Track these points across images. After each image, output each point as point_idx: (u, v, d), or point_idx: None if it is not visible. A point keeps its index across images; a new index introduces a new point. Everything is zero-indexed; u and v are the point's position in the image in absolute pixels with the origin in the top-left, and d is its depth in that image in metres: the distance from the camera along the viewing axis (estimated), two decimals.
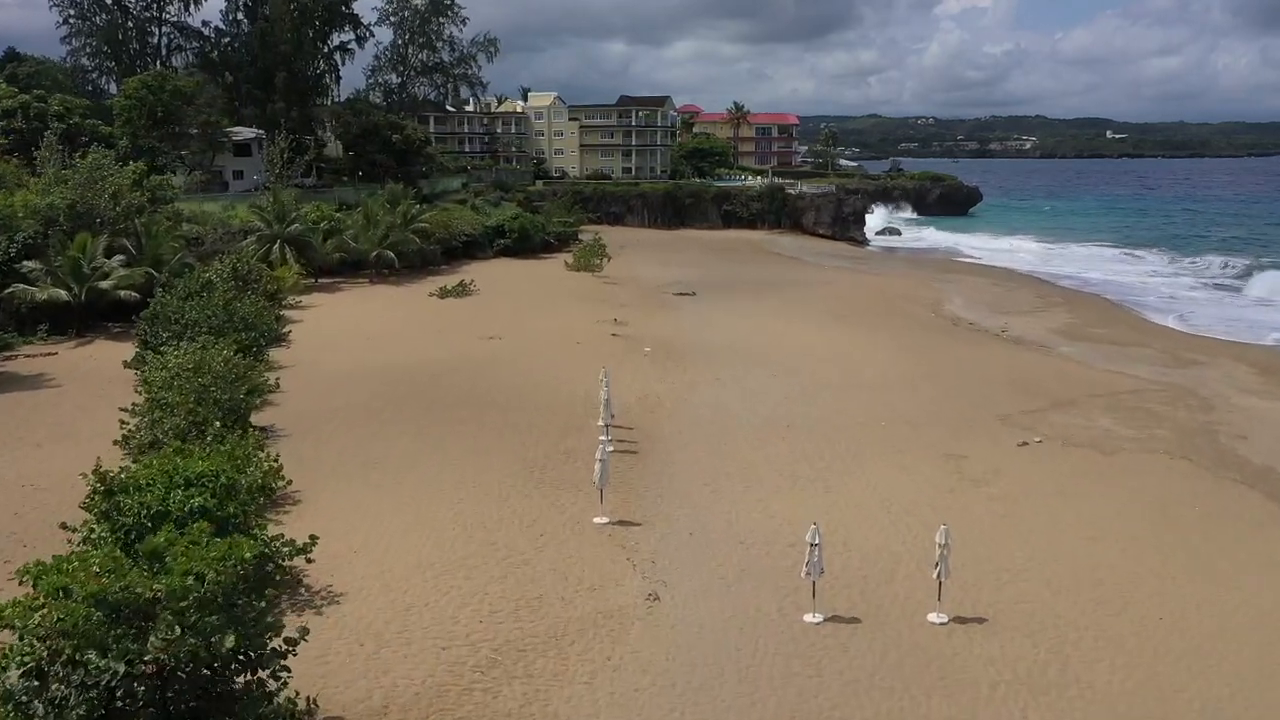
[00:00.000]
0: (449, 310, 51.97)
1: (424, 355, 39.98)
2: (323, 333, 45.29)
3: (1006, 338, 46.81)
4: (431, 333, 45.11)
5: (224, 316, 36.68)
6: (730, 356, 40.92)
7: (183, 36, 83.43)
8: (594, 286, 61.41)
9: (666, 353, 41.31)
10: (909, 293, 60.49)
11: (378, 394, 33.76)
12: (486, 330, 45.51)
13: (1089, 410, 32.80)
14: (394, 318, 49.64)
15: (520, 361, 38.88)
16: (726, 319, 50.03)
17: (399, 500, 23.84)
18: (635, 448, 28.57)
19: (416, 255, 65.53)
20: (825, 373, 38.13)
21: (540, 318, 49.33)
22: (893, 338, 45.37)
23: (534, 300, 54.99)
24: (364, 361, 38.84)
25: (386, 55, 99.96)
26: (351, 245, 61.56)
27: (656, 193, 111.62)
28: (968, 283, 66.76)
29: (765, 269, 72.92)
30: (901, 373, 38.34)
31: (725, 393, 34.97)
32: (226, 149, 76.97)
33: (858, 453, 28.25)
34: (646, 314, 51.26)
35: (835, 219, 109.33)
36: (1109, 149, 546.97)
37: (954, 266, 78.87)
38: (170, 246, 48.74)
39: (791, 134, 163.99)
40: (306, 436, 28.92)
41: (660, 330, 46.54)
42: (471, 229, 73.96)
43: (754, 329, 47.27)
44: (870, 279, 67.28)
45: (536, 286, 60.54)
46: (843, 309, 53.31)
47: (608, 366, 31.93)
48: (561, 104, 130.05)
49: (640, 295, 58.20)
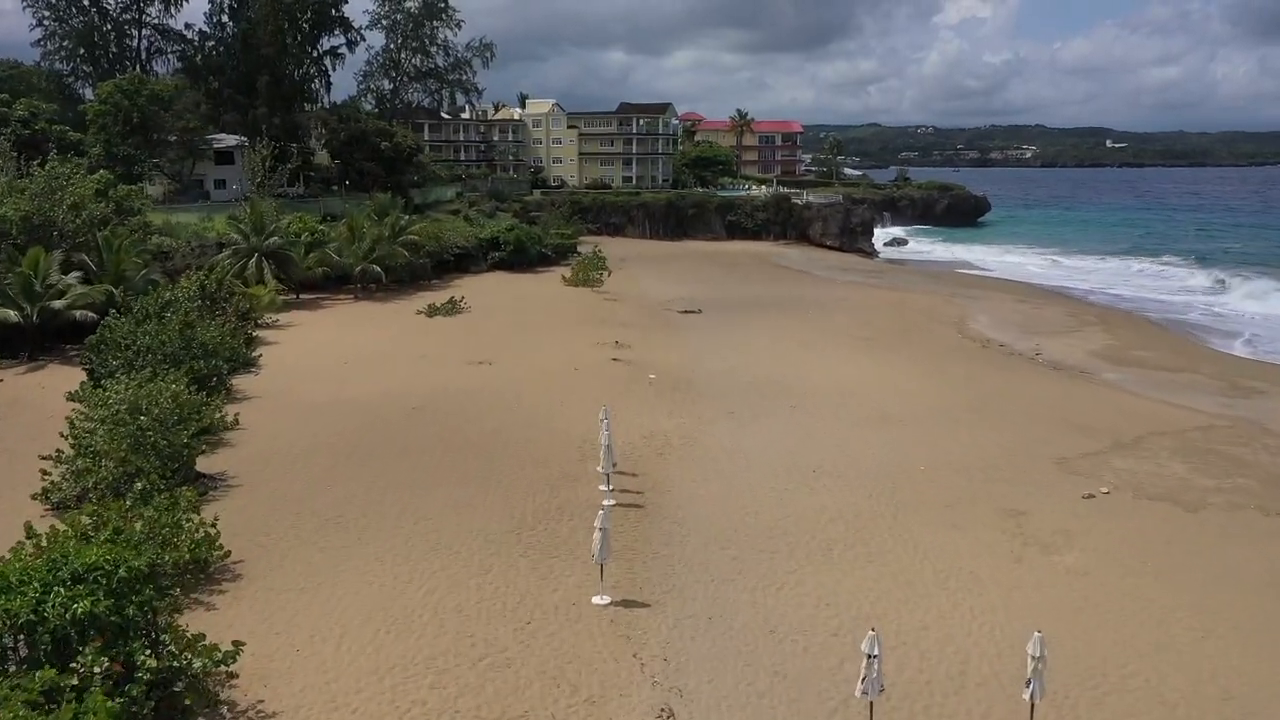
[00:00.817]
0: (437, 330, 48.08)
1: (405, 384, 36.07)
2: (298, 357, 41.43)
3: (1043, 362, 42.92)
4: (415, 357, 41.21)
5: (180, 343, 32.85)
6: (744, 385, 37.02)
7: (164, 39, 79.79)
8: (593, 303, 57.56)
9: (673, 382, 37.41)
10: (931, 310, 56.61)
11: (349, 433, 29.84)
12: (476, 354, 41.63)
13: (1155, 452, 28.86)
14: (377, 339, 45.75)
15: (511, 392, 34.95)
16: (737, 341, 46.15)
17: (360, 573, 19.90)
18: (641, 499, 24.67)
19: (405, 269, 61.71)
20: (851, 405, 34.21)
21: (535, 339, 45.46)
22: (920, 363, 41.48)
23: (528, 319, 51.11)
24: (338, 392, 34.92)
25: (378, 60, 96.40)
26: (335, 259, 57.72)
27: (658, 203, 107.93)
28: (991, 299, 62.89)
29: (774, 284, 69.07)
30: (935, 404, 34.43)
31: (741, 431, 31.04)
32: (207, 157, 73.25)
33: (900, 508, 24.33)
34: (650, 335, 47.38)
35: (843, 230, 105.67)
36: (1109, 158, 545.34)
37: (973, 281, 74.99)
38: (134, 262, 44.87)
39: (795, 142, 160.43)
40: (261, 487, 25.00)
41: (666, 354, 42.66)
42: (464, 241, 70.16)
43: (768, 353, 43.38)
44: (887, 295, 63.39)
45: (532, 303, 56.68)
46: (863, 329, 49.40)
47: (608, 404, 28.07)
48: (560, 111, 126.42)
49: (643, 313, 54.34)
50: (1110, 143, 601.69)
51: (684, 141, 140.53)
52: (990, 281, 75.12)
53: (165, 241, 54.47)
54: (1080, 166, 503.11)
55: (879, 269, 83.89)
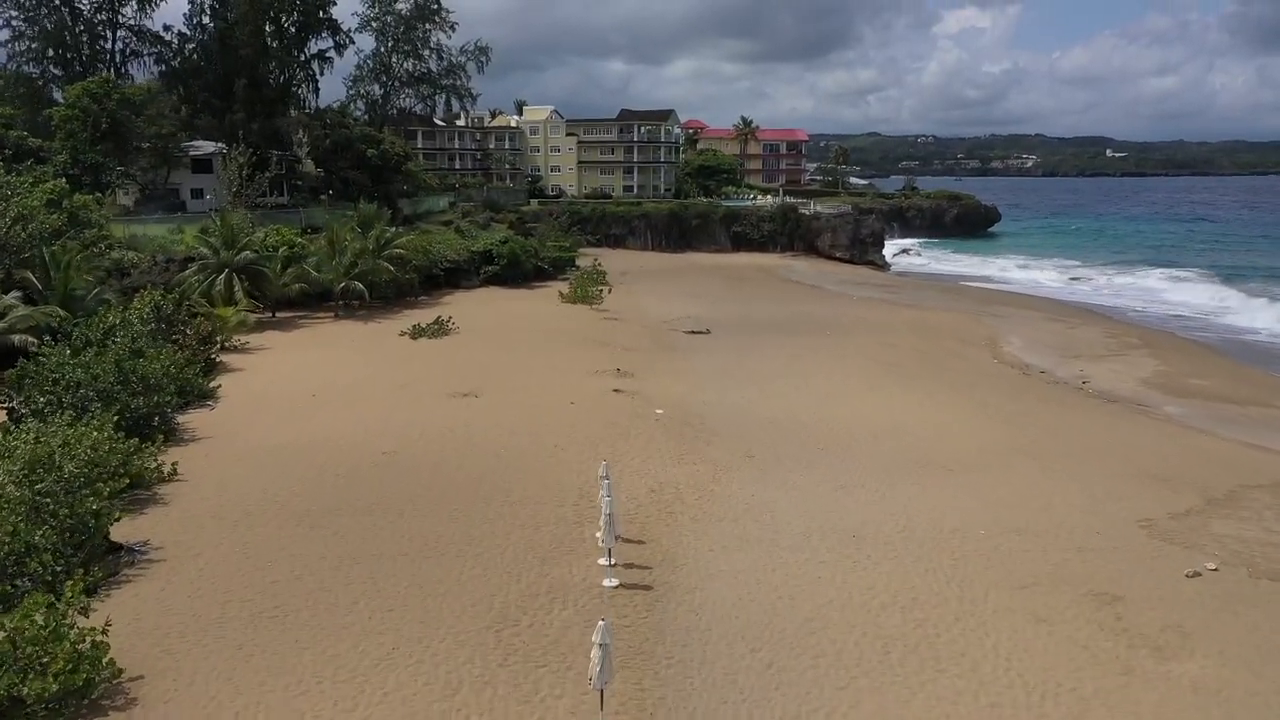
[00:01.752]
0: (420, 355, 43.74)
1: (379, 421, 31.69)
2: (264, 386, 37.08)
3: (1092, 392, 38.59)
4: (394, 388, 36.84)
5: (116, 376, 28.52)
6: (762, 423, 32.65)
7: (140, 41, 75.51)
8: (592, 323, 53.24)
9: (683, 418, 33.05)
10: (958, 330, 52.32)
11: (307, 485, 25.46)
12: (461, 383, 37.28)
13: (1258, 512, 24.49)
14: (354, 365, 41.40)
15: (497, 432, 30.58)
16: (751, 368, 41.80)
17: (290, 698, 15.50)
18: (649, 577, 20.30)
19: (390, 286, 57.43)
20: (887, 447, 29.85)
21: (527, 365, 41.12)
22: (958, 393, 37.14)
23: (521, 342, 46.77)
24: (301, 431, 30.54)
25: (368, 64, 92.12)
26: (313, 276, 53.41)
27: (660, 213, 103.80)
28: (1020, 317, 58.60)
29: (786, 300, 64.75)
30: (984, 446, 30.08)
31: (763, 481, 26.67)
32: (183, 165, 69.00)
33: (965, 587, 19.95)
34: (654, 361, 43.03)
35: (853, 241, 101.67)
36: (1111, 167, 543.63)
37: (996, 296, 70.70)
38: (84, 280, 40.57)
39: (800, 150, 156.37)
40: (188, 561, 20.61)
41: (673, 384, 38.30)
42: (455, 255, 65.92)
43: (786, 381, 39.03)
44: (908, 313, 59.06)
45: (526, 323, 52.34)
46: (888, 353, 45.06)
47: (608, 456, 23.83)
48: (559, 118, 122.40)
49: (646, 335, 50.01)
50: (1110, 152, 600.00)
51: (686, 150, 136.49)
52: (1014, 297, 70.83)
53: (128, 256, 50.19)
54: (1082, 176, 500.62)
55: (893, 283, 79.60)
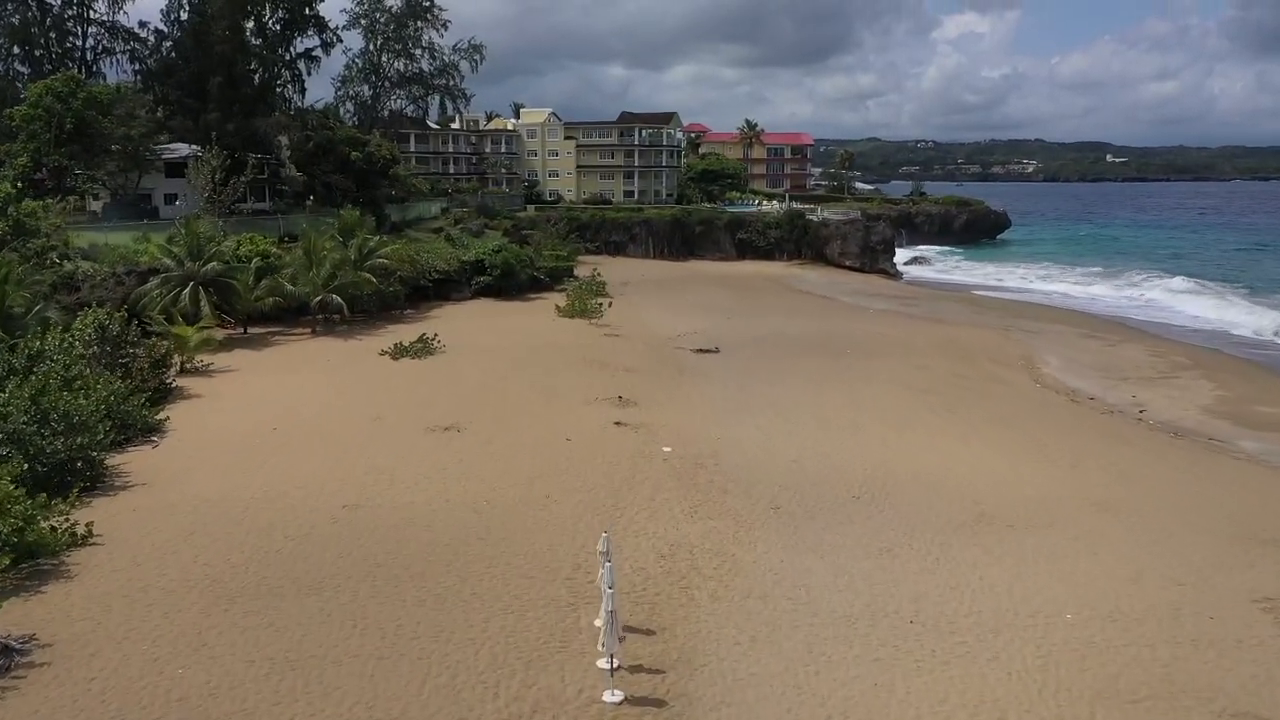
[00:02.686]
0: (401, 378, 39.49)
1: (343, 464, 27.44)
2: (221, 417, 32.84)
3: (1153, 424, 34.33)
4: (366, 420, 32.58)
5: (31, 414, 24.30)
6: (786, 465, 28.40)
7: (112, 38, 71.34)
8: (591, 340, 49.01)
9: (694, 457, 28.79)
10: (990, 349, 48.10)
11: (245, 552, 21.18)
12: (443, 414, 33.04)
13: None
14: (325, 391, 37.17)
15: (480, 478, 26.31)
16: (767, 394, 37.54)
17: None
18: (662, 687, 16.06)
19: (373, 299, 53.23)
20: (932, 496, 25.58)
21: (518, 392, 36.87)
22: (1005, 427, 32.87)
23: (513, 362, 42.52)
24: (251, 478, 26.26)
25: (357, 64, 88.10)
26: (288, 289, 49.15)
27: (663, 219, 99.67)
28: (1052, 333, 54.37)
29: (798, 314, 60.50)
30: (1046, 495, 25.82)
31: (793, 543, 22.42)
32: (155, 168, 64.74)
33: (1062, 700, 15.71)
34: (660, 385, 38.77)
35: (863, 249, 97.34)
36: (1112, 172, 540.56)
37: (1021, 309, 66.43)
38: (21, 296, 36.27)
39: (806, 155, 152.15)
40: (79, 665, 16.36)
41: (681, 414, 34.03)
42: (445, 264, 61.73)
43: (809, 412, 34.76)
44: (932, 329, 54.79)
45: (518, 340, 48.08)
46: (918, 377, 40.79)
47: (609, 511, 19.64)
48: (556, 120, 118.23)
49: (650, 354, 45.76)
50: (1111, 157, 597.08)
51: (688, 154, 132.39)
52: (1040, 309, 66.57)
53: (82, 268, 45.98)
54: (1083, 181, 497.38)
55: (908, 294, 75.38)
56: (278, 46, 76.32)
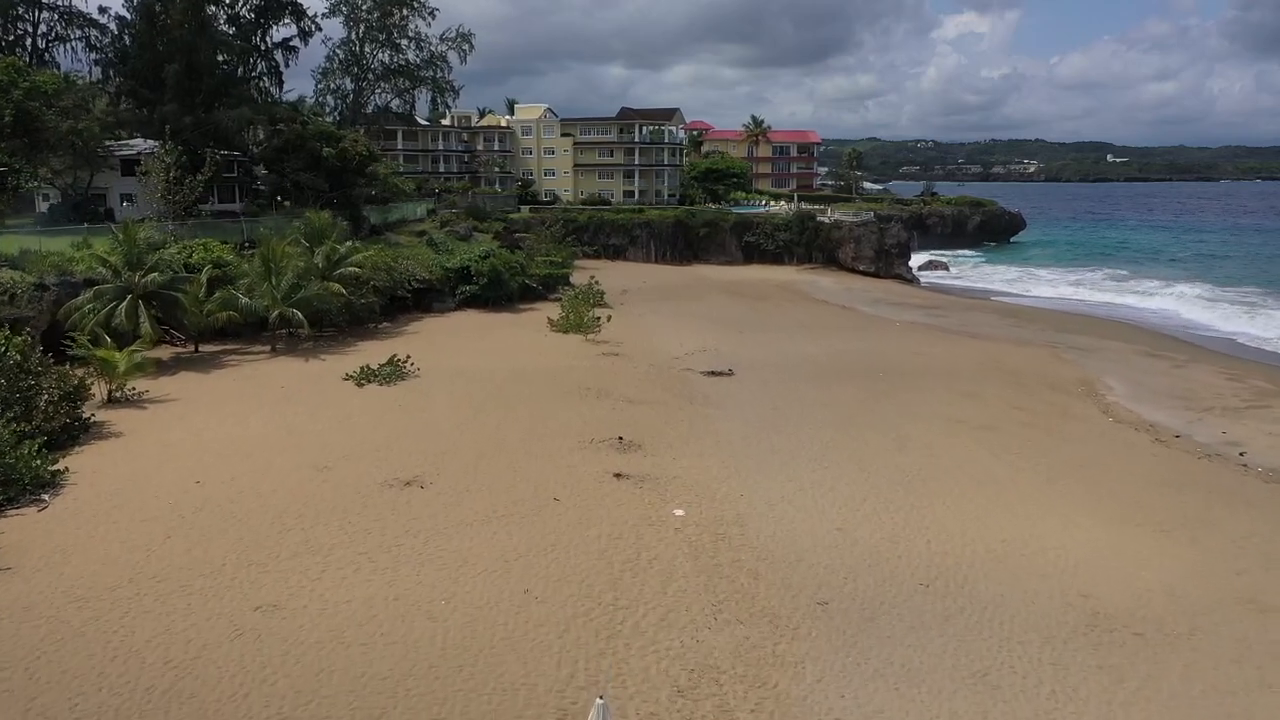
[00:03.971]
0: (363, 411, 33.64)
1: (265, 545, 21.62)
2: (133, 466, 27.04)
3: (1261, 473, 28.49)
4: (311, 469, 26.74)
5: None
6: (827, 536, 22.57)
7: (66, 24, 65.41)
8: (587, 360, 43.17)
9: (714, 524, 22.97)
10: (1042, 372, 42.24)
11: (85, 712, 15.38)
12: (406, 462, 27.24)
13: None
14: (270, 429, 31.34)
15: (436, 565, 20.48)
16: (794, 434, 31.67)
17: None
18: None
19: (343, 312, 47.40)
20: (1027, 590, 19.78)
21: (500, 430, 31.04)
22: (1093, 481, 26.94)
23: (495, 391, 36.68)
24: (139, 567, 20.41)
25: (338, 55, 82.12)
26: (242, 302, 43.27)
27: (665, 221, 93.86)
28: (1106, 351, 48.49)
29: (820, 327, 54.63)
30: (1173, 585, 20.01)
31: (854, 662, 16.64)
32: (109, 166, 58.88)
33: None
34: (668, 421, 32.89)
35: (878, 252, 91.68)
36: (1113, 173, 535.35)
37: (1062, 320, 60.50)
38: None
39: (813, 153, 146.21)
40: None
41: (694, 461, 28.19)
42: (427, 273, 55.84)
43: (846, 456, 28.90)
44: (970, 346, 48.90)
45: (504, 361, 42.24)
46: (972, 409, 34.88)
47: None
48: (553, 116, 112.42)
49: (654, 378, 39.89)
50: (1111, 157, 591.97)
51: (690, 152, 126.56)
52: (1083, 321, 60.64)
53: (6, 279, 40.08)
54: (1085, 181, 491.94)
55: (933, 302, 69.48)
56: (251, 34, 70.51)
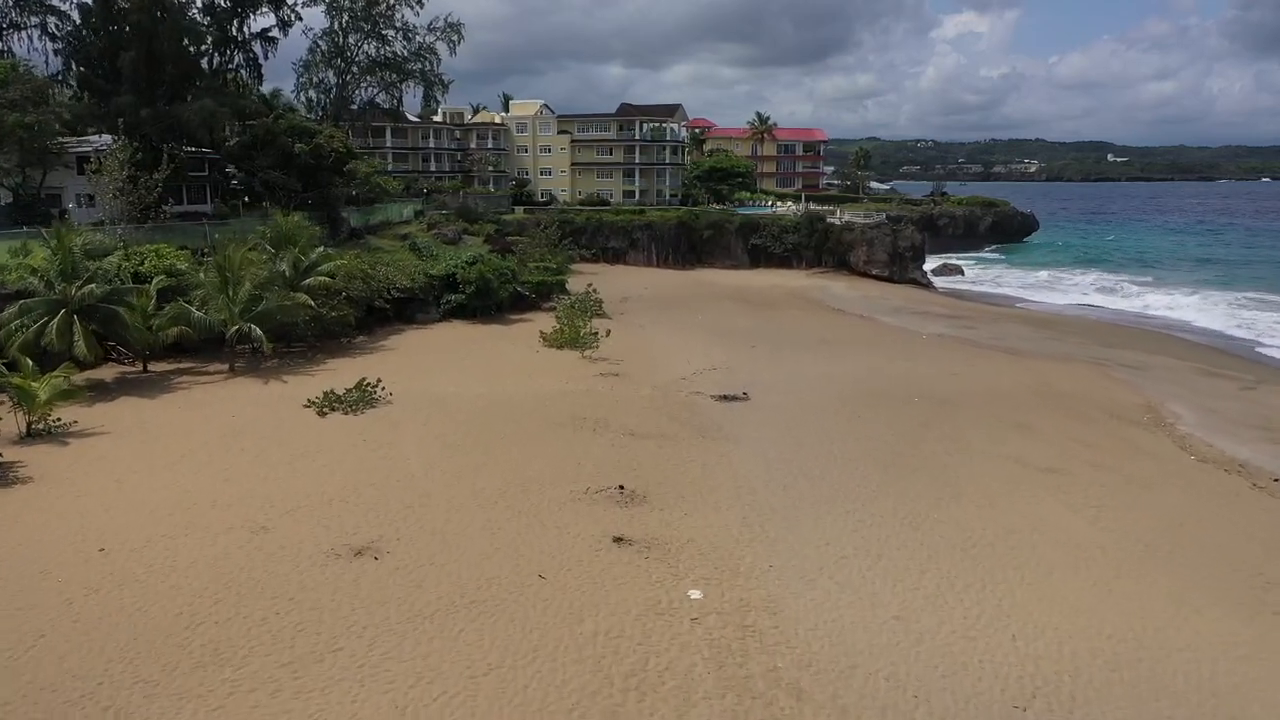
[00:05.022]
0: (318, 449, 28.77)
1: (166, 649, 16.79)
2: (29, 522, 22.30)
3: None
4: (246, 530, 21.90)
5: None
6: (885, 626, 17.76)
7: (21, 11, 60.39)
8: (582, 383, 38.30)
9: (740, 615, 18.12)
10: (1096, 395, 37.36)
11: None
12: (359, 519, 22.42)
13: None
14: (205, 473, 26.50)
15: (384, 682, 15.64)
16: (823, 475, 26.82)
17: None
18: None
19: (311, 326, 42.55)
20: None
21: (476, 478, 26.18)
22: (1198, 546, 22.12)
23: (476, 423, 31.79)
24: None
25: (320, 46, 77.09)
26: (195, 316, 38.38)
27: (667, 223, 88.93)
28: (1160, 368, 43.64)
29: (840, 343, 49.69)
30: None
31: None
32: (63, 164, 53.92)
33: None
34: (677, 461, 28.01)
35: (892, 256, 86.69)
36: (1113, 172, 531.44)
37: (1103, 332, 55.52)
38: None
39: (819, 152, 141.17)
40: None
41: (710, 517, 23.32)
42: (409, 281, 50.93)
43: (892, 511, 24.03)
44: (1010, 365, 43.94)
45: (488, 384, 37.37)
46: (1030, 447, 29.96)
47: None
48: (549, 113, 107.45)
49: (659, 404, 35.01)
50: (1112, 156, 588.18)
51: (692, 151, 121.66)
52: (1126, 333, 55.56)
53: None
54: (1086, 180, 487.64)
55: (958, 311, 64.59)
56: (226, 24, 65.56)
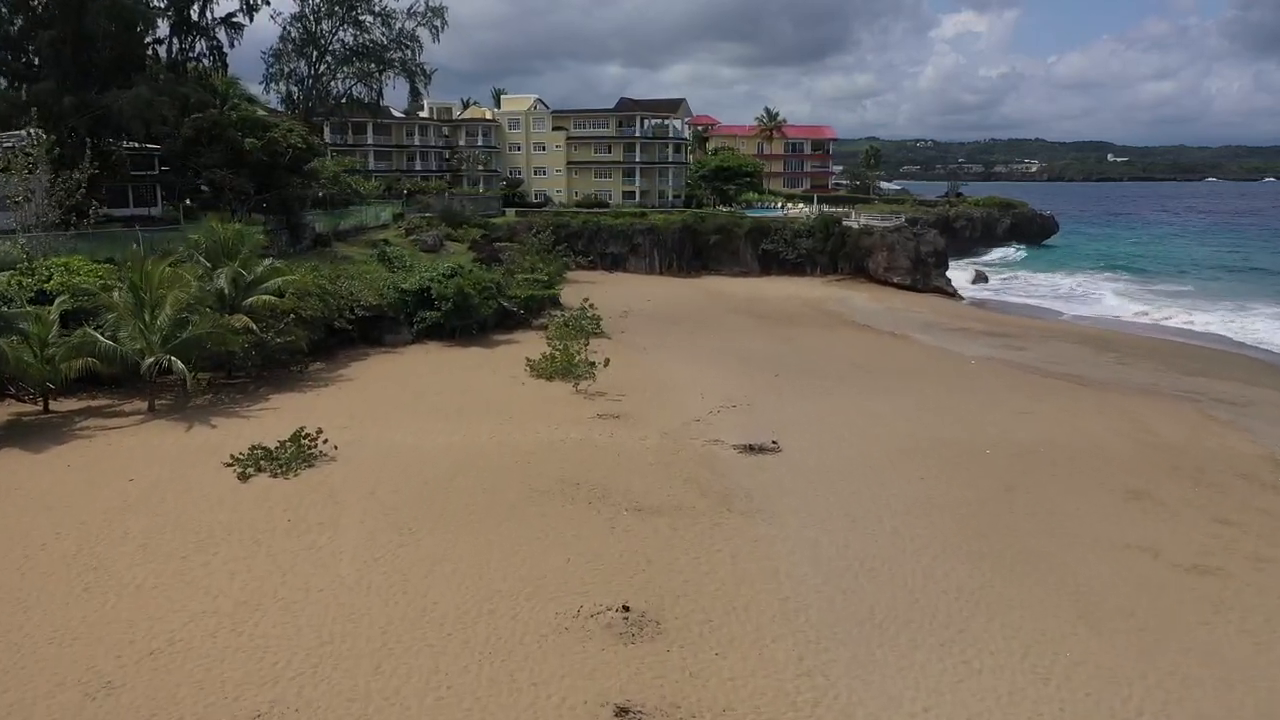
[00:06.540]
0: (224, 538, 21.88)
1: None
2: None
3: None
4: (77, 695, 15.04)
5: None
6: None
7: None
8: (576, 429, 31.39)
9: None
10: (1205, 443, 30.52)
11: None
12: (258, 661, 15.56)
13: None
14: (61, 575, 19.67)
15: None
16: (895, 572, 19.98)
17: None
18: None
19: (251, 355, 35.68)
20: None
21: (426, 584, 19.34)
22: None
23: (437, 490, 24.93)
24: None
25: (291, 34, 70.35)
26: (103, 345, 31.47)
27: (670, 226, 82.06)
28: (1266, 404, 36.87)
29: (876, 370, 42.79)
30: None
31: None
32: None
33: None
34: (697, 555, 21.14)
35: (915, 262, 79.83)
36: (1114, 172, 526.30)
37: (1169, 352, 48.64)
38: None
39: (828, 150, 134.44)
40: None
41: (755, 659, 16.48)
42: (377, 297, 44.07)
43: (990, 623, 17.22)
44: (1087, 400, 36.96)
45: (460, 431, 30.45)
46: (1155, 527, 23.15)
47: None
48: (543, 108, 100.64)
49: (668, 459, 28.11)
50: (1112, 156, 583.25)
51: (696, 150, 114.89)
52: (1204, 356, 48.32)
53: None
54: (1087, 180, 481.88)
55: (998, 326, 57.70)
56: (185, 6, 58.67)
